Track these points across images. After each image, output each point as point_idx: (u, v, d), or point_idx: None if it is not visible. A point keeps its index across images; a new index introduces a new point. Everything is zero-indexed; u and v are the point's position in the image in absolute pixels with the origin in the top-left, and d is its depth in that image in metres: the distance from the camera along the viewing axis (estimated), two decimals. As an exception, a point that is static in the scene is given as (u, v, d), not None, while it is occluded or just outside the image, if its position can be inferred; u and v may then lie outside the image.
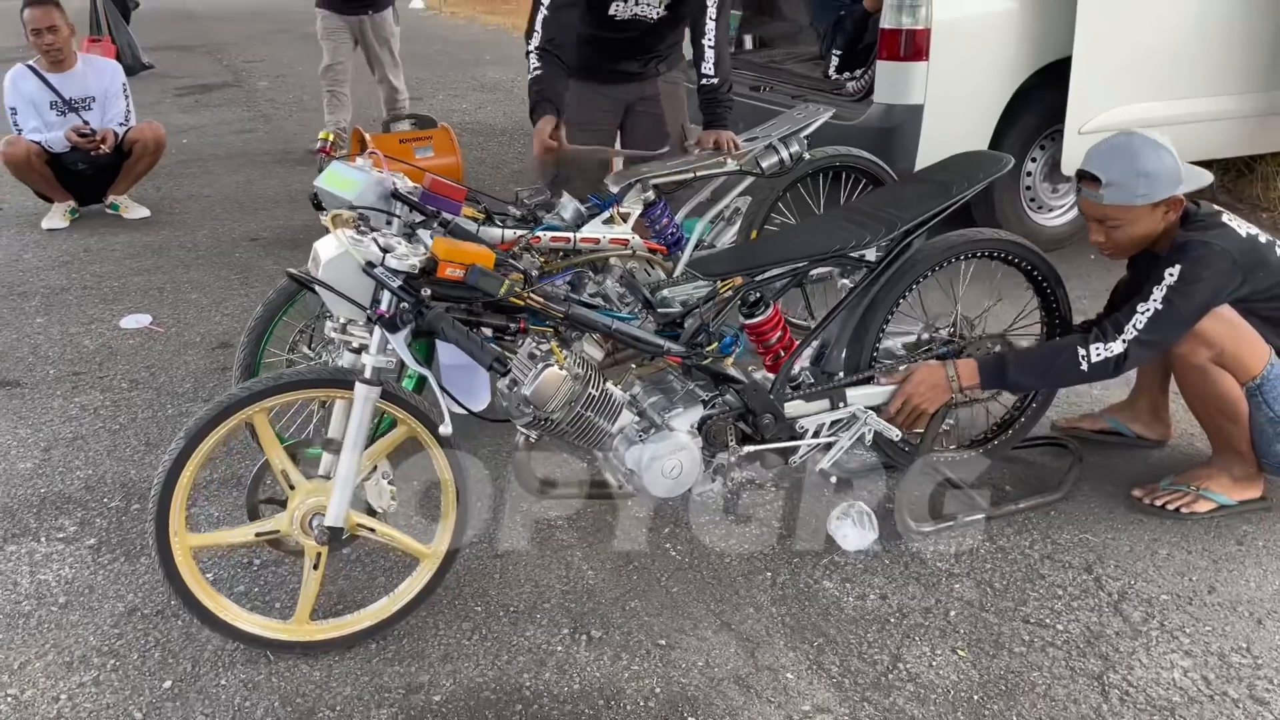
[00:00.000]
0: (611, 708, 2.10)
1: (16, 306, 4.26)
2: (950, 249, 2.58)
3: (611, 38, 3.41)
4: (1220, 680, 2.13)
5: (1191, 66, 4.36)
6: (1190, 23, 4.28)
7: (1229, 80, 4.47)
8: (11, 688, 2.18)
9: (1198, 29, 4.31)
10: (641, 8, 3.33)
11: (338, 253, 2.03)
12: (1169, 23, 4.22)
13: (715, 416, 2.36)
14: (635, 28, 3.40)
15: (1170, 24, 4.23)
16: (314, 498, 2.16)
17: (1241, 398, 2.47)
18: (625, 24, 3.37)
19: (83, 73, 5.34)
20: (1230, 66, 4.44)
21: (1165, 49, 4.25)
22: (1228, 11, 4.35)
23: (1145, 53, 4.21)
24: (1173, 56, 4.28)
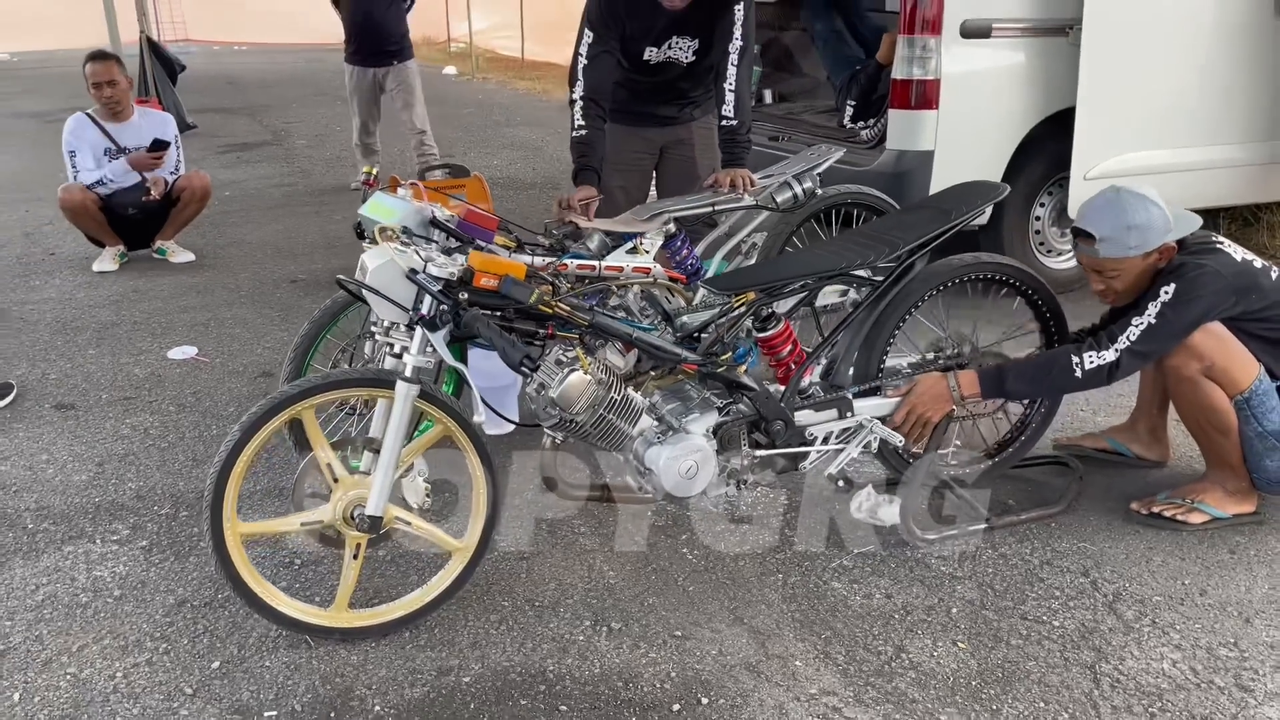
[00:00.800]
0: (629, 688, 2.24)
1: (70, 340, 4.50)
2: (951, 271, 2.75)
3: (647, 81, 3.65)
4: (1207, 670, 2.24)
5: (1194, 116, 4.55)
6: (1192, 73, 4.48)
7: (1232, 129, 4.66)
8: (70, 667, 2.34)
9: (1200, 79, 4.51)
10: (674, 52, 3.56)
11: (383, 260, 2.23)
12: (1170, 74, 4.42)
13: (729, 422, 2.52)
14: (669, 71, 3.63)
15: (1172, 75, 4.43)
16: (355, 490, 2.33)
17: (1230, 410, 2.61)
18: (659, 68, 3.61)
19: (138, 124, 5.65)
20: (1233, 116, 4.63)
21: (1167, 99, 4.45)
22: (1230, 62, 4.54)
23: (1147, 102, 4.40)
24: (1175, 106, 4.48)
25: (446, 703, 2.21)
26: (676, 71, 3.63)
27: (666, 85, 3.69)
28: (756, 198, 3.36)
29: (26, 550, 2.82)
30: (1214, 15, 4.46)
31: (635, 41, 3.53)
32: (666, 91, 3.72)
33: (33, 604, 2.57)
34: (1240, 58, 4.57)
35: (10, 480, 3.21)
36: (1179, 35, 4.41)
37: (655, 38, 3.53)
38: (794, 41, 5.84)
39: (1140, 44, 4.31)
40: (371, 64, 7.04)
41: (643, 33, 3.51)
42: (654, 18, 3.47)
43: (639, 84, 3.67)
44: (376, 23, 6.99)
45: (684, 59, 3.59)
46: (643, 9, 3.45)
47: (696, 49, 3.57)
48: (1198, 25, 4.44)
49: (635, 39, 3.53)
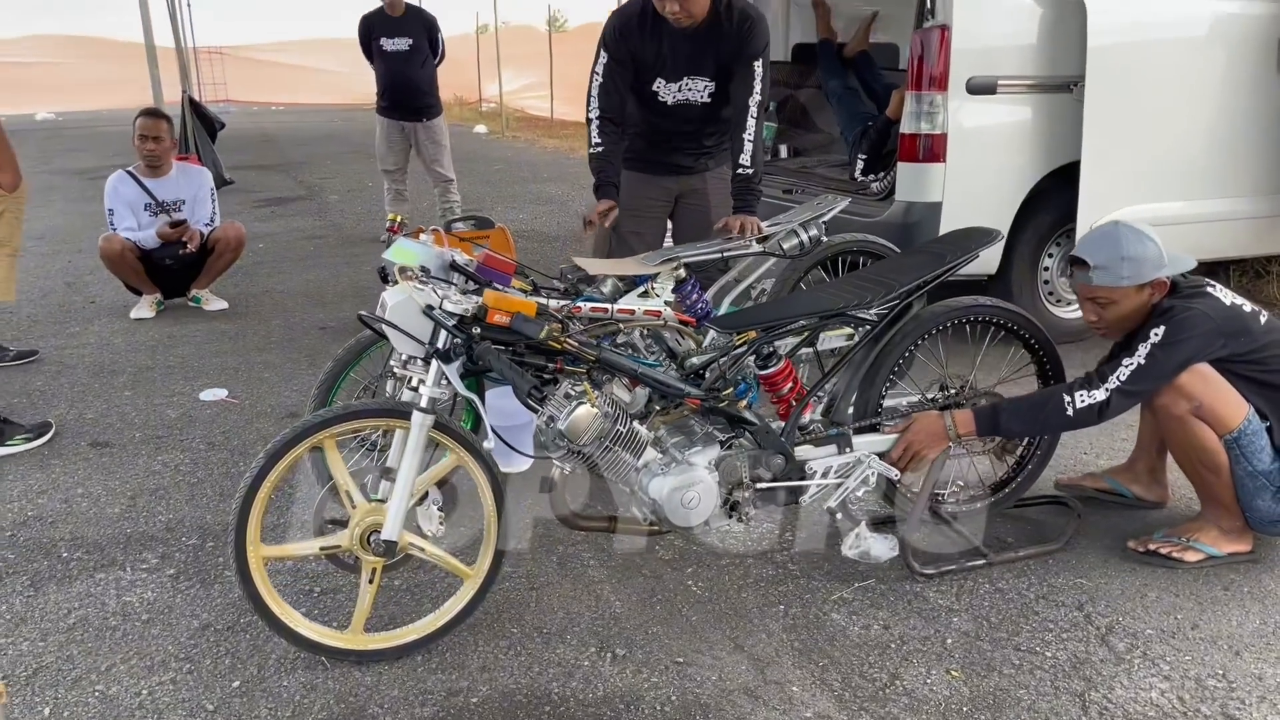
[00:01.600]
0: (631, 711, 2.32)
1: (107, 382, 4.67)
2: (948, 313, 2.86)
3: (663, 125, 3.82)
4: (1195, 700, 2.29)
5: (1199, 169, 4.67)
6: (1196, 128, 4.61)
7: (1238, 183, 4.76)
8: (99, 685, 2.45)
9: (1205, 133, 4.63)
10: (689, 94, 3.72)
11: (402, 298, 2.36)
12: (1174, 128, 4.55)
13: (731, 455, 2.62)
14: (685, 114, 3.78)
15: (1175, 129, 4.56)
16: (372, 516, 2.44)
17: (1220, 449, 2.68)
18: (674, 109, 3.77)
19: (176, 179, 5.89)
20: (1239, 169, 4.74)
21: (1172, 153, 4.57)
22: (1235, 116, 4.67)
23: (1151, 156, 4.52)
24: (1179, 160, 4.60)
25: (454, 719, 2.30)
26: (693, 114, 3.78)
27: (684, 133, 3.85)
28: (764, 245, 3.49)
29: (60, 577, 2.95)
30: (1217, 71, 4.60)
31: (648, 70, 3.70)
32: (683, 138, 3.87)
33: (65, 627, 2.69)
34: (1245, 112, 4.69)
35: (47, 512, 3.35)
36: (1182, 90, 4.54)
37: (668, 71, 3.69)
38: (809, 99, 6.01)
39: (1143, 99, 4.44)
40: (403, 118, 7.38)
41: (654, 61, 3.68)
42: (664, 45, 3.65)
43: (657, 128, 3.83)
44: (409, 79, 7.35)
45: (699, 100, 3.74)
46: (653, 32, 3.64)
47: (713, 92, 3.71)
48: (1201, 81, 4.58)
49: (647, 68, 3.70)
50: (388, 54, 7.34)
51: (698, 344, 3.24)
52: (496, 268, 2.97)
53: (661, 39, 3.64)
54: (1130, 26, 4.38)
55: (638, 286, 3.32)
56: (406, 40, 7.33)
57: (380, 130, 7.50)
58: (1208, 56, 4.59)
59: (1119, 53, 4.32)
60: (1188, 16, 4.55)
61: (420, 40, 7.38)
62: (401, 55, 7.33)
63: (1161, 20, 4.48)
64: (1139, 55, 4.41)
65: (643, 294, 3.30)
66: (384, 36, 7.32)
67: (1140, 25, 4.42)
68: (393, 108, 7.41)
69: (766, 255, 3.53)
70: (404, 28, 7.35)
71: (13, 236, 3.71)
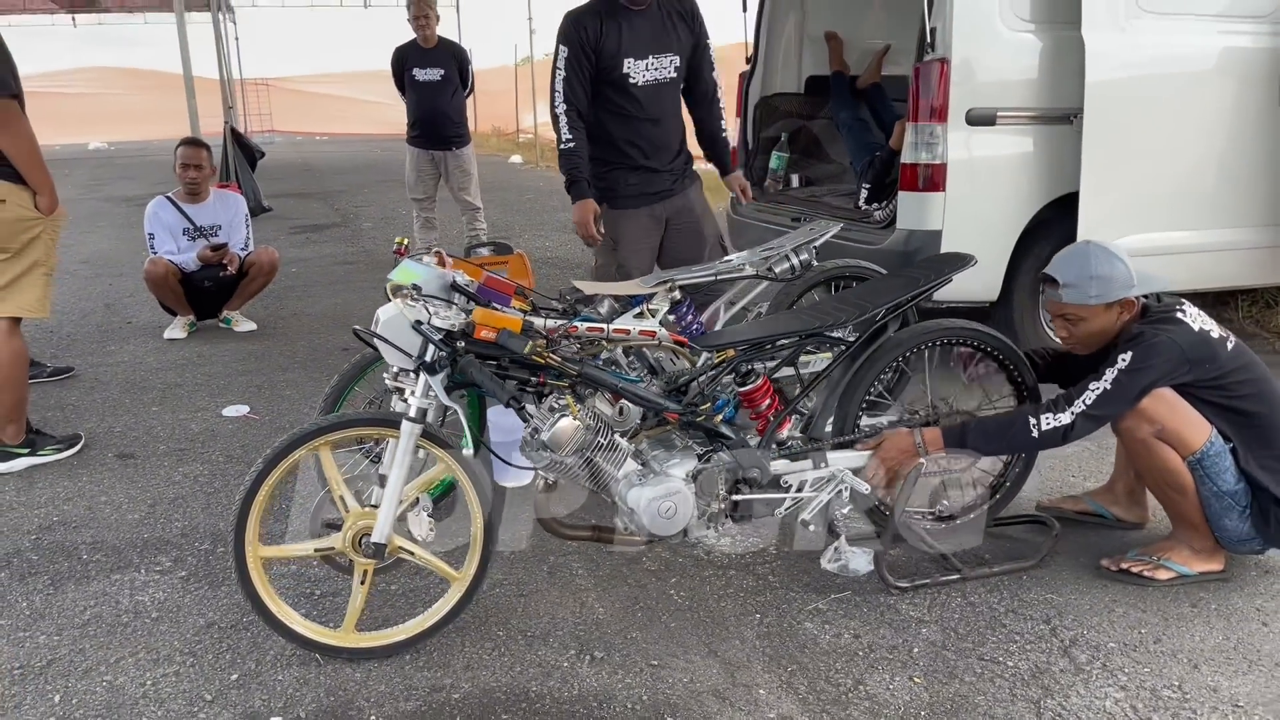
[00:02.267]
0: (603, 708, 2.43)
1: (137, 398, 4.87)
2: (923, 334, 2.96)
3: (637, 125, 4.04)
4: (1147, 709, 2.36)
5: (1199, 200, 4.74)
6: (1196, 158, 4.69)
7: (1240, 213, 4.82)
8: (107, 676, 2.61)
9: (1205, 164, 4.71)
10: (655, 72, 3.98)
11: (393, 313, 2.52)
12: (1173, 159, 4.63)
13: (708, 468, 2.73)
14: (655, 99, 4.02)
15: (1174, 160, 4.64)
16: (364, 520, 2.58)
17: (1184, 470, 2.75)
18: (645, 92, 3.99)
19: (213, 205, 6.13)
20: (1240, 199, 4.80)
21: (1171, 183, 4.65)
22: (1236, 147, 4.73)
23: (1150, 186, 4.60)
24: (1179, 190, 4.67)
25: (435, 715, 2.42)
26: (664, 98, 4.06)
27: (656, 133, 4.08)
28: (757, 269, 3.61)
29: (79, 577, 3.11)
30: (1214, 103, 4.67)
31: (614, 55, 3.93)
32: (657, 144, 4.10)
33: (79, 622, 2.86)
34: (1246, 142, 4.75)
35: (71, 518, 3.53)
36: (1181, 121, 4.62)
37: (636, 49, 3.94)
38: (821, 130, 6.14)
39: (1141, 130, 4.52)
40: (433, 146, 7.60)
41: (619, 44, 3.92)
42: (624, 28, 3.91)
43: (633, 133, 4.06)
44: (439, 108, 7.56)
45: (667, 77, 4.01)
46: (609, 18, 3.90)
47: (678, 66, 4.01)
48: (1198, 113, 4.65)
49: (613, 52, 3.92)
50: (420, 84, 7.55)
51: (692, 364, 3.37)
52: (496, 288, 3.12)
53: (620, 22, 3.91)
54: (1127, 61, 4.47)
55: (634, 307, 3.46)
56: (438, 71, 7.55)
57: (410, 159, 7.72)
58: (1204, 89, 4.67)
59: (1116, 86, 4.41)
60: (1184, 50, 4.63)
61: (451, 71, 7.60)
62: (433, 85, 7.55)
63: (1158, 54, 4.57)
64: (1136, 89, 4.50)
65: (638, 315, 3.45)
66: (416, 67, 7.55)
67: (1137, 60, 4.51)
68: (423, 137, 7.63)
69: (760, 279, 3.65)
70: (436, 59, 7.57)
71: (49, 256, 3.93)
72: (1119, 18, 4.46)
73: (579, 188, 3.93)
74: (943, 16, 4.43)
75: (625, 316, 3.40)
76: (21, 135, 3.64)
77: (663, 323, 3.49)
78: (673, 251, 4.21)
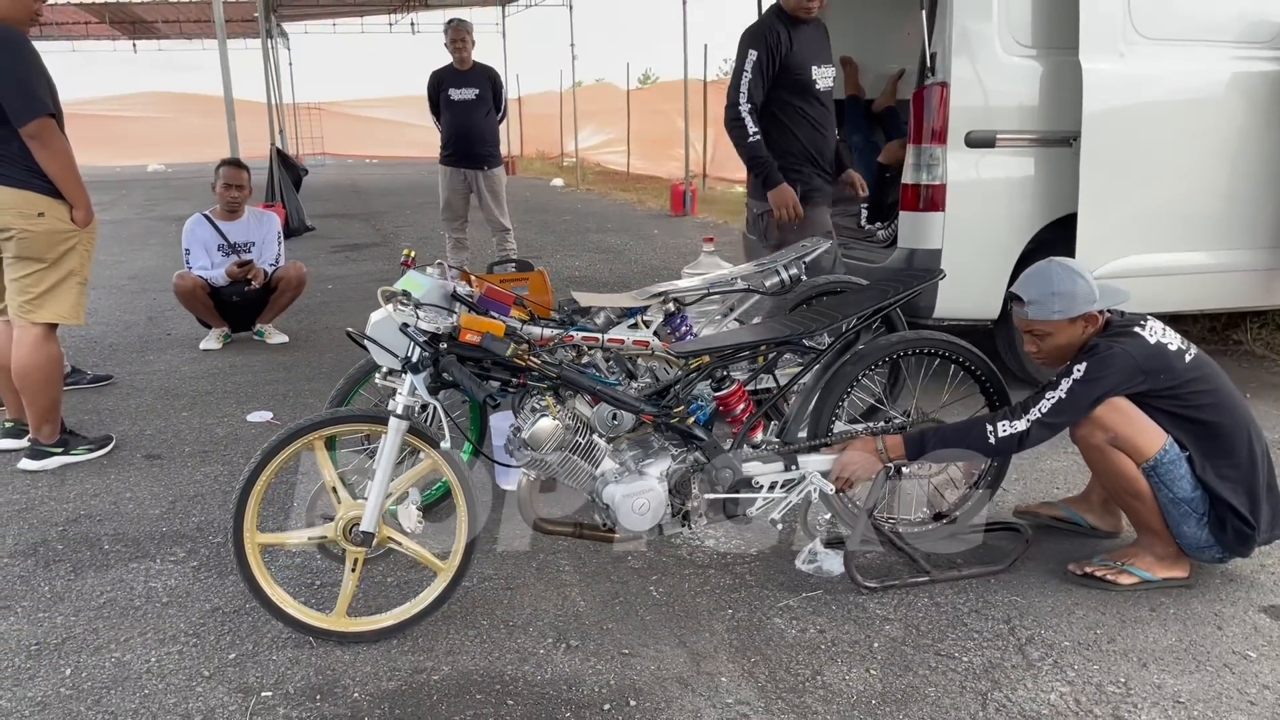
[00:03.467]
0: (571, 691, 2.57)
1: (169, 404, 5.12)
2: (893, 345, 3.08)
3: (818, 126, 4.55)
4: (1090, 702, 2.46)
5: (1197, 222, 4.80)
6: (1193, 181, 4.76)
7: (1237, 235, 4.87)
8: (115, 653, 2.80)
9: (1202, 187, 4.77)
10: (828, 80, 4.49)
11: (382, 316, 2.70)
12: (1170, 181, 4.71)
13: (683, 468, 2.87)
14: (827, 103, 4.59)
15: (1172, 183, 4.71)
16: (354, 511, 2.76)
17: (1139, 477, 2.84)
18: (823, 98, 4.51)
19: (247, 222, 6.41)
20: (1236, 222, 4.86)
21: (1168, 205, 4.73)
22: (1233, 170, 4.80)
23: (1148, 208, 4.69)
24: (1176, 212, 4.75)
25: (414, 694, 2.58)
26: (830, 102, 4.64)
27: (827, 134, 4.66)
28: (749, 283, 3.75)
29: (99, 565, 3.32)
30: (1210, 128, 4.74)
31: (802, 63, 4.41)
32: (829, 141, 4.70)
33: (95, 606, 3.05)
34: (1244, 166, 4.81)
35: (96, 512, 3.75)
36: (1178, 145, 4.70)
37: (818, 57, 4.43)
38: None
39: (1139, 154, 4.61)
40: (465, 165, 7.84)
41: (805, 52, 4.38)
42: (805, 38, 4.38)
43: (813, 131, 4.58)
44: (474, 126, 7.79)
45: (831, 84, 4.59)
46: (792, 30, 4.38)
47: (836, 76, 4.57)
48: (1198, 135, 4.72)
49: (801, 60, 4.40)
50: (455, 103, 7.78)
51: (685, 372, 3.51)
52: (497, 299, 3.28)
53: (799, 32, 4.38)
54: (1125, 86, 4.57)
55: (630, 318, 3.62)
56: (474, 90, 7.78)
57: (443, 179, 7.96)
58: (1202, 114, 4.74)
59: (1114, 111, 4.51)
60: (1182, 75, 4.70)
61: (485, 92, 7.83)
62: (468, 104, 7.77)
63: (1156, 80, 4.65)
64: (1133, 113, 4.59)
65: (633, 325, 3.60)
66: (452, 87, 7.78)
67: (1135, 85, 4.60)
68: (456, 155, 7.85)
69: (751, 292, 3.79)
70: (471, 79, 7.81)
71: (84, 267, 4.17)
72: (1117, 43, 4.56)
73: (775, 173, 4.48)
74: (943, 42, 4.56)
75: (620, 327, 3.56)
76: (59, 152, 3.89)
77: (657, 333, 3.65)
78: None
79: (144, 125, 25.29)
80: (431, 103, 8.01)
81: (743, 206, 4.87)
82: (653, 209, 14.16)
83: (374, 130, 25.10)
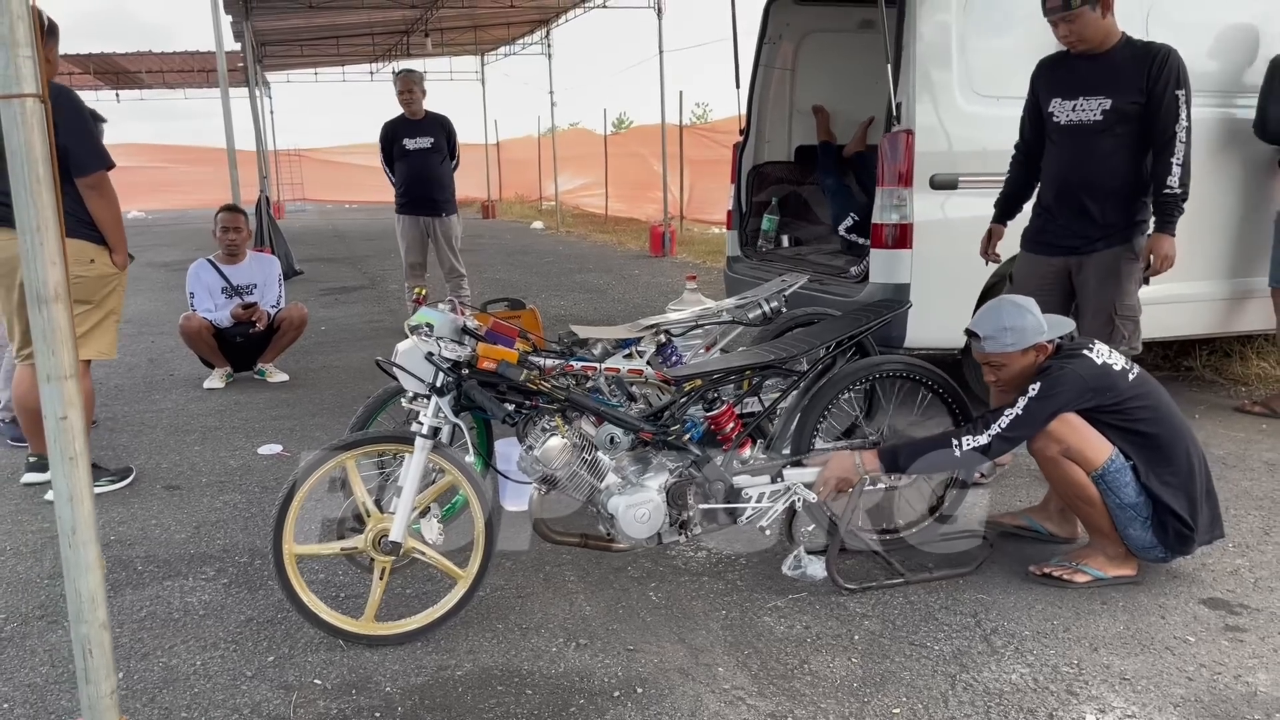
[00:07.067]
0: (583, 681, 2.85)
1: (180, 439, 5.37)
2: (864, 369, 3.41)
3: (1060, 158, 4.14)
4: (1046, 680, 2.76)
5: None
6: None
7: (1196, 267, 5.24)
8: (163, 658, 3.05)
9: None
10: (1081, 114, 4.03)
11: (409, 346, 3.00)
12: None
13: (679, 481, 3.17)
14: (1078, 139, 4.05)
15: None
16: (382, 524, 3.04)
17: (1089, 484, 3.17)
18: (1067, 132, 4.08)
19: (249, 265, 6.70)
20: (1195, 254, 5.22)
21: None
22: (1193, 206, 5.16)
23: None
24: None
25: (441, 686, 2.85)
26: (1085, 137, 4.03)
27: (1078, 178, 4.09)
28: (734, 315, 4.08)
29: (135, 584, 3.57)
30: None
31: (1046, 94, 4.16)
32: (1079, 187, 4.09)
33: (138, 618, 3.31)
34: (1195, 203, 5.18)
35: (126, 537, 4.00)
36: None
37: (1064, 90, 4.07)
38: (809, 194, 6.65)
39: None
40: (422, 213, 7.94)
41: (1052, 86, 4.16)
42: (1063, 69, 4.12)
43: (1054, 163, 4.19)
44: (429, 174, 7.90)
45: (1089, 118, 4.00)
46: (1058, 60, 4.18)
47: (1106, 109, 3.95)
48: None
49: (1046, 93, 4.16)
50: (410, 152, 7.87)
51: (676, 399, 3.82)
52: (502, 332, 3.59)
53: (1065, 64, 4.11)
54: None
55: (625, 349, 3.94)
56: (428, 139, 7.87)
57: (400, 227, 8.02)
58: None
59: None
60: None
61: (440, 140, 7.93)
62: (423, 153, 7.87)
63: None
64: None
65: (627, 355, 3.92)
66: (406, 137, 7.89)
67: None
68: (411, 203, 7.93)
69: (736, 324, 4.12)
70: (425, 129, 7.91)
71: (119, 305, 4.47)
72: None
73: (995, 214, 4.54)
74: (907, 92, 4.95)
75: (616, 357, 3.88)
76: (112, 201, 4.22)
77: (650, 362, 3.97)
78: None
79: (126, 174, 25.38)
80: (385, 153, 8.07)
81: (720, 246, 5.16)
82: (632, 250, 14.54)
83: (352, 176, 25.43)
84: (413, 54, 20.69)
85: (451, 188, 8.09)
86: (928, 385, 3.50)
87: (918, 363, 3.47)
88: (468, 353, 3.01)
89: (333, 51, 20.35)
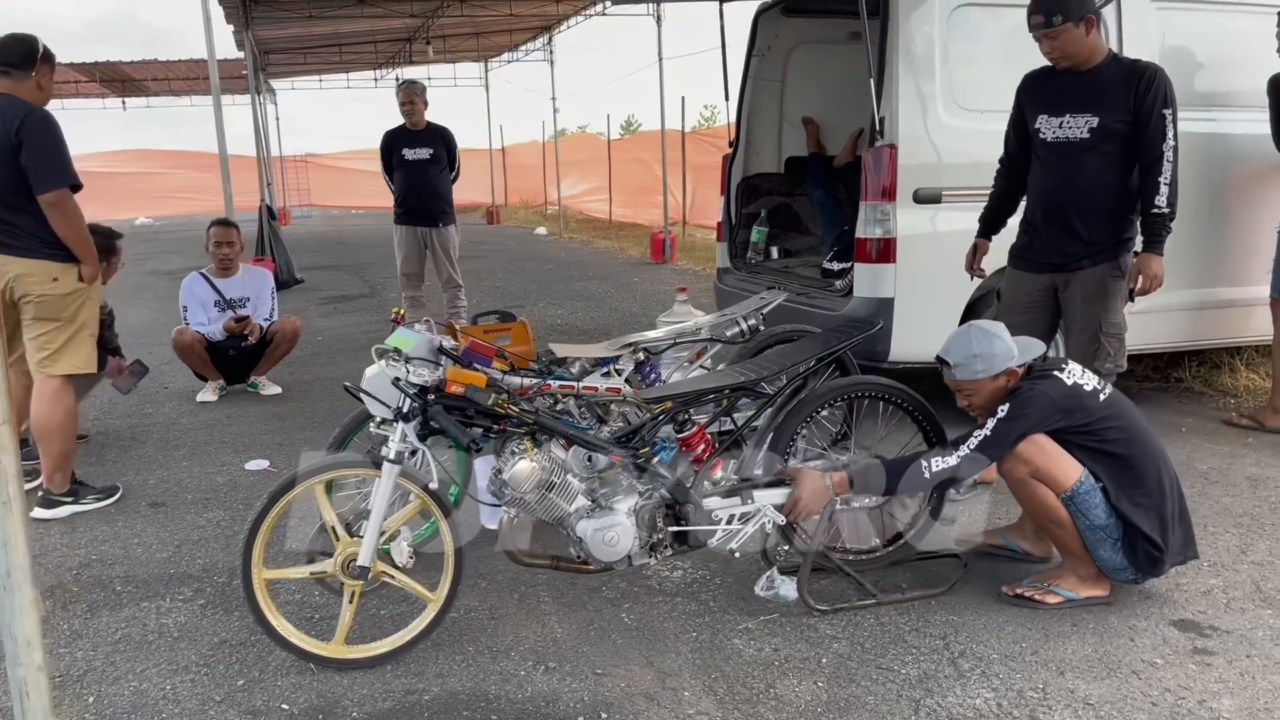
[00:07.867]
0: (549, 706, 2.86)
1: (169, 454, 5.40)
2: (837, 389, 3.41)
3: (1044, 176, 4.11)
4: (1010, 705, 2.76)
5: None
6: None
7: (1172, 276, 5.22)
8: (134, 682, 3.07)
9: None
10: (1068, 131, 3.98)
11: (376, 371, 3.01)
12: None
13: (648, 504, 3.18)
14: (1065, 156, 4.00)
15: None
16: (351, 548, 3.05)
17: (1058, 505, 3.16)
18: (1054, 149, 4.03)
19: (242, 279, 6.73)
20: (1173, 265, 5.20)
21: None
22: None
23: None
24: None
25: (407, 712, 2.86)
26: (1072, 154, 3.99)
27: (1064, 188, 4.05)
28: (712, 333, 4.09)
29: (113, 605, 3.59)
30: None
31: (1032, 110, 4.12)
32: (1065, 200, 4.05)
33: (112, 641, 3.33)
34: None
35: (108, 556, 4.03)
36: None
37: (1051, 107, 4.03)
38: (799, 206, 6.65)
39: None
40: (420, 223, 8.03)
41: (1038, 102, 4.12)
42: (1050, 85, 4.08)
43: (1040, 182, 4.15)
44: (428, 184, 7.98)
45: (1077, 136, 3.96)
46: (1044, 76, 4.13)
47: (1093, 128, 3.92)
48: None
49: (1032, 108, 4.12)
50: (409, 163, 7.94)
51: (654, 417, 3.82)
52: (479, 352, 3.60)
53: (1051, 79, 4.07)
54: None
55: (603, 367, 3.94)
56: (427, 150, 7.95)
57: (398, 237, 8.12)
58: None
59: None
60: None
61: (439, 151, 8.01)
62: (422, 164, 7.94)
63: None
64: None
65: (606, 374, 3.92)
66: (406, 148, 7.96)
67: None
68: (409, 214, 8.01)
69: (714, 341, 4.12)
70: (424, 139, 7.98)
71: (92, 319, 4.49)
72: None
73: (979, 228, 4.51)
74: (890, 106, 4.95)
75: (594, 375, 3.88)
76: (75, 219, 4.23)
77: (628, 381, 3.97)
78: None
79: (132, 180, 25.62)
80: (385, 163, 8.14)
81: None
82: (634, 256, 14.54)
83: (358, 182, 25.48)
84: (415, 61, 20.74)
85: (450, 199, 8.16)
86: (899, 405, 3.49)
87: (890, 383, 3.47)
88: (438, 376, 3.02)
89: (335, 59, 20.42)
